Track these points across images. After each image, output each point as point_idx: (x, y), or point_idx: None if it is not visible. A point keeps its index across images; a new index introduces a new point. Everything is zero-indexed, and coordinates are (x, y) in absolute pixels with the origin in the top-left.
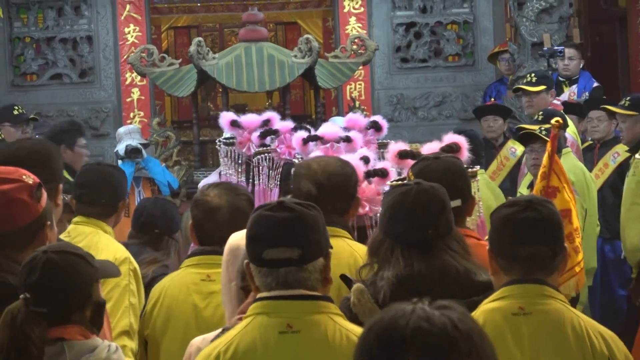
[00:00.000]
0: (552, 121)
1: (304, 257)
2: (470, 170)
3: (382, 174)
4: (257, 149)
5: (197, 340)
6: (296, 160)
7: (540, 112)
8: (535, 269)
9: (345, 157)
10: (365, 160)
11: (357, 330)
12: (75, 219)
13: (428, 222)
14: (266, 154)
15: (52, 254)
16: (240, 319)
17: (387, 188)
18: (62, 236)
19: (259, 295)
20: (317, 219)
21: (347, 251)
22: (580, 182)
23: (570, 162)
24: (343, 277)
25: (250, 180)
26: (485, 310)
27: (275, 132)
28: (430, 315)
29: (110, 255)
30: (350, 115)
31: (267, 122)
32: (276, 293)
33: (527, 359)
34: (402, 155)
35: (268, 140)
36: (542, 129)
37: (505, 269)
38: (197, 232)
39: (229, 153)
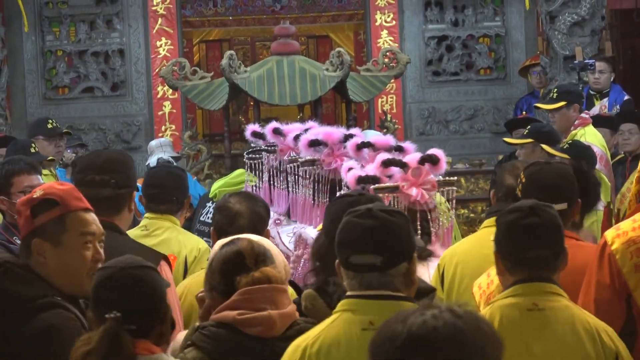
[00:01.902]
0: None
1: (386, 264)
2: (449, 179)
3: (374, 180)
4: (304, 158)
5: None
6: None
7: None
8: (539, 270)
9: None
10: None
11: None
12: (148, 215)
13: None
14: (313, 165)
15: (132, 270)
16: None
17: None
18: (138, 230)
19: (347, 293)
20: (401, 226)
21: None
22: None
23: None
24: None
25: (289, 188)
26: (500, 305)
27: (323, 143)
28: (438, 316)
29: (193, 246)
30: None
31: (307, 131)
32: (361, 292)
33: (543, 353)
34: (386, 163)
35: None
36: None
37: (510, 269)
38: (220, 237)
39: (269, 161)
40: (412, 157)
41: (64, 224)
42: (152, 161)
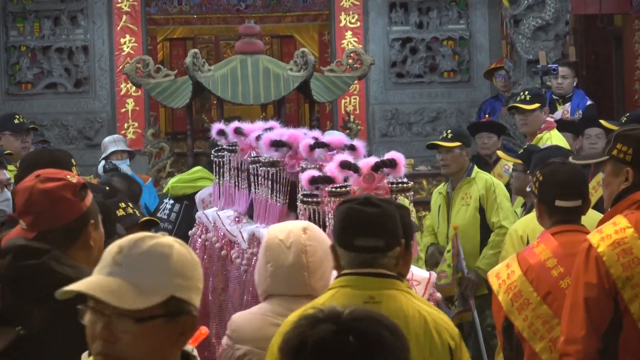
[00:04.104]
0: None
1: (387, 246)
2: (404, 185)
3: (328, 180)
4: (267, 159)
5: None
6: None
7: None
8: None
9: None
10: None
11: (424, 306)
12: None
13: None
14: (274, 167)
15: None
16: None
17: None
18: None
19: (344, 271)
20: (396, 214)
21: None
22: None
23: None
24: None
25: (253, 189)
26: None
27: (287, 145)
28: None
29: None
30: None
31: (269, 130)
32: (360, 270)
33: None
34: (343, 165)
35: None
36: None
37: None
38: None
39: (230, 160)
40: (367, 161)
41: (94, 204)
42: (99, 168)
